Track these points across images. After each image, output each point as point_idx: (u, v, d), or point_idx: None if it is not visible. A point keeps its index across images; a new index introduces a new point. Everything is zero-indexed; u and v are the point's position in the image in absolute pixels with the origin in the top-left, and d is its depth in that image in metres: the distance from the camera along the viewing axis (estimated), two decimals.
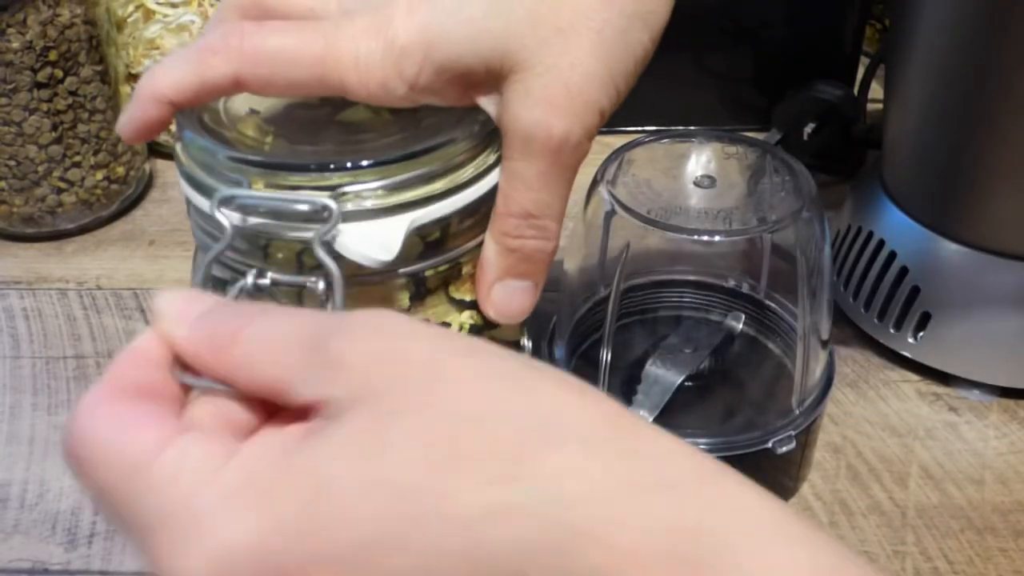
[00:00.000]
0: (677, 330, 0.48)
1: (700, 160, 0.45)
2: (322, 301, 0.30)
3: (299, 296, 0.33)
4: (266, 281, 0.31)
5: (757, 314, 0.49)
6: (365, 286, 0.33)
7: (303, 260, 0.32)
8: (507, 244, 0.34)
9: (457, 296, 0.36)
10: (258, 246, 0.33)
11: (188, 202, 0.35)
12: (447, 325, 0.36)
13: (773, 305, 0.48)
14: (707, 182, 0.44)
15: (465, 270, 0.36)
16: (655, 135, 0.46)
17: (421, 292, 0.35)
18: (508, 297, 0.35)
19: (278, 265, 0.32)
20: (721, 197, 0.43)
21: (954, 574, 0.43)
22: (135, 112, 0.33)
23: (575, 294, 0.48)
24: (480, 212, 0.35)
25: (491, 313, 0.35)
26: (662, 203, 0.42)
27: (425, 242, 0.33)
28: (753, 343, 0.49)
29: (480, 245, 0.35)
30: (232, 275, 0.34)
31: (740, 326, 0.48)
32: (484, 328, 0.37)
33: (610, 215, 0.43)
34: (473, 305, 0.36)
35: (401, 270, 0.33)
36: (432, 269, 0.34)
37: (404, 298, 0.34)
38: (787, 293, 0.47)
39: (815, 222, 0.42)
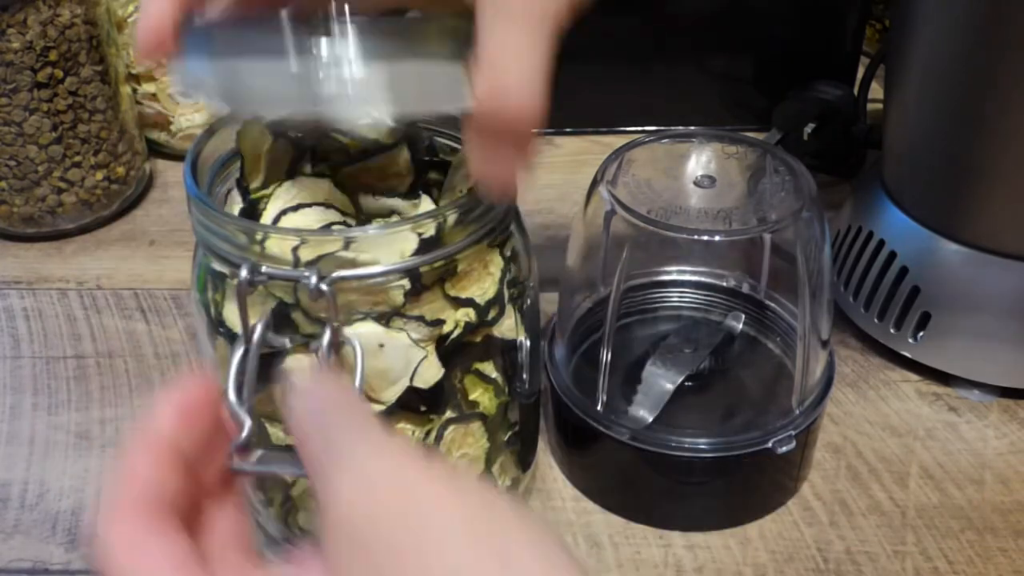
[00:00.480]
0: (677, 330, 0.48)
1: (700, 160, 0.45)
2: (313, 292, 0.31)
3: (294, 290, 0.33)
4: (262, 277, 0.32)
5: (757, 314, 0.49)
6: (363, 281, 0.33)
7: (298, 255, 0.32)
8: (487, 141, 0.31)
9: (453, 293, 0.36)
10: (255, 240, 0.33)
11: (187, 184, 0.35)
12: (442, 322, 0.36)
13: (773, 305, 0.48)
14: (707, 182, 0.44)
15: (461, 267, 0.36)
16: (655, 135, 0.47)
17: (417, 288, 0.35)
18: (499, 177, 0.33)
19: (273, 260, 0.33)
20: (721, 197, 0.43)
21: (954, 574, 0.43)
22: (142, 16, 0.32)
23: (575, 294, 0.48)
24: (474, 212, 0.35)
25: (485, 197, 0.34)
26: (662, 203, 0.42)
27: (421, 239, 0.34)
28: (753, 343, 0.49)
29: (476, 243, 0.35)
30: (230, 269, 0.34)
31: (740, 326, 0.48)
32: (480, 325, 0.37)
33: (610, 215, 0.43)
34: (469, 303, 0.36)
35: (397, 267, 0.33)
36: (428, 266, 0.34)
37: (398, 295, 0.34)
38: (787, 293, 0.47)
39: (815, 222, 0.42)
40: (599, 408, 0.44)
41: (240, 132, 0.39)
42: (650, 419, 0.44)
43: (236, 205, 0.38)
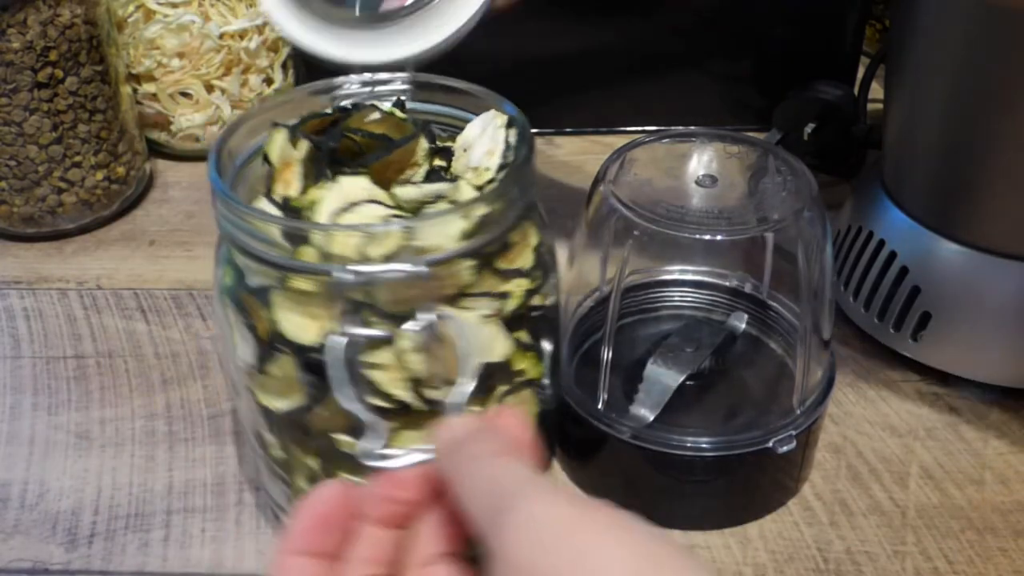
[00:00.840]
0: (679, 329, 0.48)
1: (702, 160, 0.45)
2: (424, 277, 0.32)
3: (366, 288, 0.34)
4: (363, 277, 0.32)
5: (760, 314, 0.49)
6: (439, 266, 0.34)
7: (365, 251, 0.33)
8: None
9: (503, 267, 0.37)
10: (313, 244, 0.34)
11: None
12: (507, 295, 0.37)
13: (775, 305, 0.48)
14: (709, 182, 0.44)
15: (513, 239, 0.37)
16: (657, 135, 0.47)
17: (479, 269, 0.36)
18: None
19: (337, 259, 0.34)
20: (723, 197, 0.43)
21: (954, 574, 0.43)
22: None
23: (577, 293, 0.48)
24: (516, 188, 0.36)
25: None
26: (664, 202, 0.42)
27: (481, 218, 0.35)
28: (755, 343, 0.49)
29: (523, 217, 0.37)
30: (278, 273, 0.35)
31: (743, 326, 0.48)
32: (533, 292, 0.38)
33: (612, 214, 0.43)
34: (519, 273, 0.38)
35: (471, 247, 0.35)
36: (489, 247, 0.36)
37: (469, 275, 0.36)
38: (790, 293, 0.47)
39: (817, 222, 0.42)
40: (600, 407, 0.44)
41: (268, 144, 0.39)
42: (651, 418, 0.44)
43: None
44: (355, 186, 0.37)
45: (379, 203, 0.37)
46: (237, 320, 0.37)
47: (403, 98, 0.43)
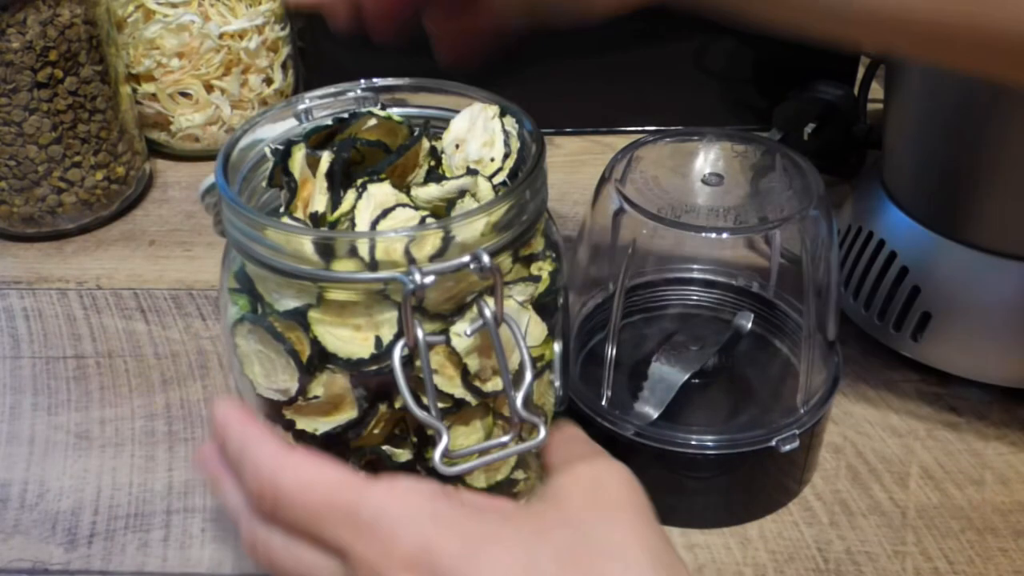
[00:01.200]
0: (684, 328, 0.48)
1: (708, 158, 0.45)
2: (481, 271, 0.33)
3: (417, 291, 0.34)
4: (429, 279, 0.33)
5: (766, 313, 0.49)
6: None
7: (411, 253, 0.34)
8: None
9: (524, 253, 0.38)
10: (358, 255, 0.34)
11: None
12: (539, 278, 0.38)
13: (782, 304, 0.48)
14: (715, 180, 0.44)
15: (537, 227, 0.38)
16: (663, 133, 0.47)
17: (514, 260, 0.37)
18: None
19: (382, 265, 0.34)
20: (729, 195, 0.43)
21: (954, 574, 0.43)
22: None
23: (583, 291, 0.48)
24: (537, 181, 0.37)
25: None
26: (670, 201, 0.42)
27: (510, 210, 0.35)
28: (761, 341, 0.49)
29: (544, 205, 0.38)
30: (317, 288, 0.35)
31: (749, 325, 0.48)
32: (556, 273, 0.39)
33: (619, 212, 0.43)
34: (541, 256, 0.38)
35: (508, 238, 0.36)
36: (524, 236, 0.37)
37: (508, 263, 0.37)
38: (796, 292, 0.47)
39: (822, 221, 0.42)
40: (604, 403, 0.44)
41: (289, 163, 0.38)
42: (655, 416, 0.44)
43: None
44: (383, 193, 0.37)
45: (407, 206, 0.37)
46: (267, 349, 0.36)
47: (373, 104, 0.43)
